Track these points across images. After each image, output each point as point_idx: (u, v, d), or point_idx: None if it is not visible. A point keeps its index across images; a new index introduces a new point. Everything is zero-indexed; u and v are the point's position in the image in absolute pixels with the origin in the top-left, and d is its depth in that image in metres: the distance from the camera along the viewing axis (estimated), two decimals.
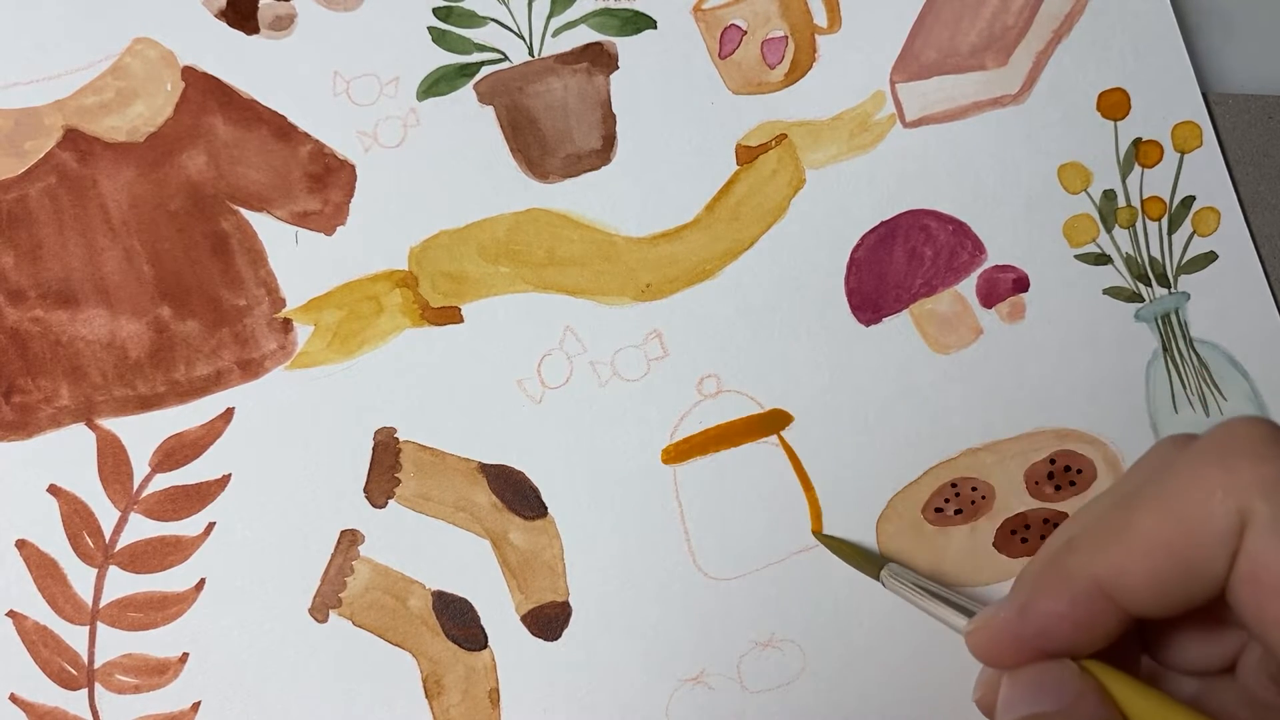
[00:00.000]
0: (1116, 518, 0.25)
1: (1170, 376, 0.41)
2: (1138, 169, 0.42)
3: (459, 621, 0.38)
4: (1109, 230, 0.41)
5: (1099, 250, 0.41)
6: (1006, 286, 0.41)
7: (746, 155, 0.41)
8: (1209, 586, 0.24)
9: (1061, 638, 0.26)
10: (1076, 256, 0.41)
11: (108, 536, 0.38)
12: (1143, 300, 0.41)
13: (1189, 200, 0.42)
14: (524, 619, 0.39)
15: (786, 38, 0.41)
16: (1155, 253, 0.41)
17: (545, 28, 0.40)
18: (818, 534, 0.40)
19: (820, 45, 0.41)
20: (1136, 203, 0.42)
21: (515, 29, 0.40)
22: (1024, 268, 0.41)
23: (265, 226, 0.39)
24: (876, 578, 0.37)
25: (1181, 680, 0.28)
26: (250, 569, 0.38)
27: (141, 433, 0.38)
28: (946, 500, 0.40)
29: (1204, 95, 0.42)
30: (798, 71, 0.41)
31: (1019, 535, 0.40)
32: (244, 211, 0.39)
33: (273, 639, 0.38)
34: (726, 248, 0.40)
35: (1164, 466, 0.25)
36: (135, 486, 0.38)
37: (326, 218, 0.39)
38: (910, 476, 0.40)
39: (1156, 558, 0.24)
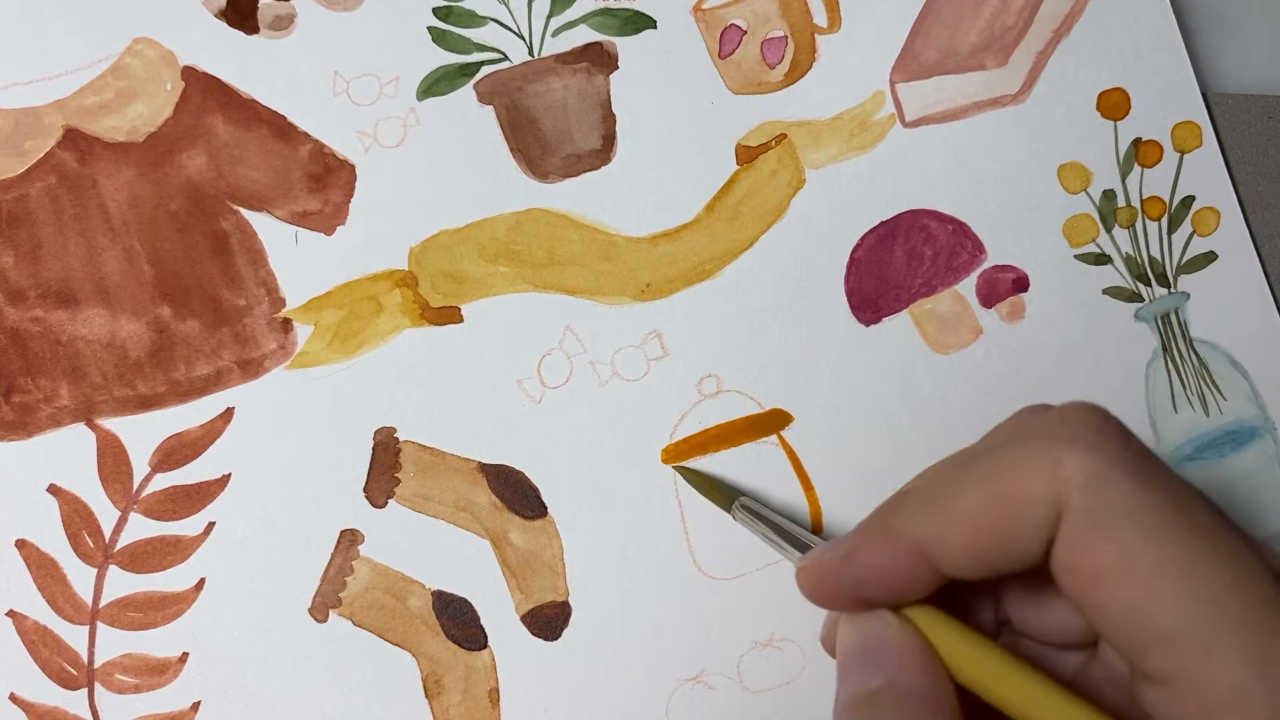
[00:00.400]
0: (946, 484, 0.26)
1: (1170, 376, 0.41)
2: (1137, 169, 0.42)
3: (459, 621, 0.38)
4: (1109, 230, 0.41)
5: (1099, 250, 0.41)
6: (1006, 286, 0.41)
7: (746, 155, 0.41)
8: (1023, 563, 0.25)
9: (880, 588, 0.27)
10: (1076, 256, 0.41)
11: (108, 536, 0.38)
12: (1142, 300, 0.41)
13: (1189, 200, 0.42)
14: (524, 619, 0.39)
15: (786, 38, 0.41)
16: (1155, 253, 0.41)
17: (545, 28, 0.40)
18: (675, 467, 0.39)
19: (820, 45, 0.41)
20: (1136, 203, 0.42)
21: (515, 29, 0.40)
22: (1024, 268, 0.41)
23: (265, 226, 0.39)
24: (728, 510, 0.37)
25: (1051, 655, 0.29)
26: (250, 569, 0.38)
27: (141, 432, 0.38)
28: None
29: (1204, 95, 0.42)
30: (797, 71, 0.41)
31: None
32: (244, 211, 0.39)
33: (273, 639, 0.38)
34: (726, 248, 0.40)
35: (1005, 440, 0.26)
36: (135, 486, 0.38)
37: (326, 218, 0.39)
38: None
39: (974, 531, 0.25)
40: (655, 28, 0.41)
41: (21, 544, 0.37)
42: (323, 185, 0.39)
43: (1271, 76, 0.44)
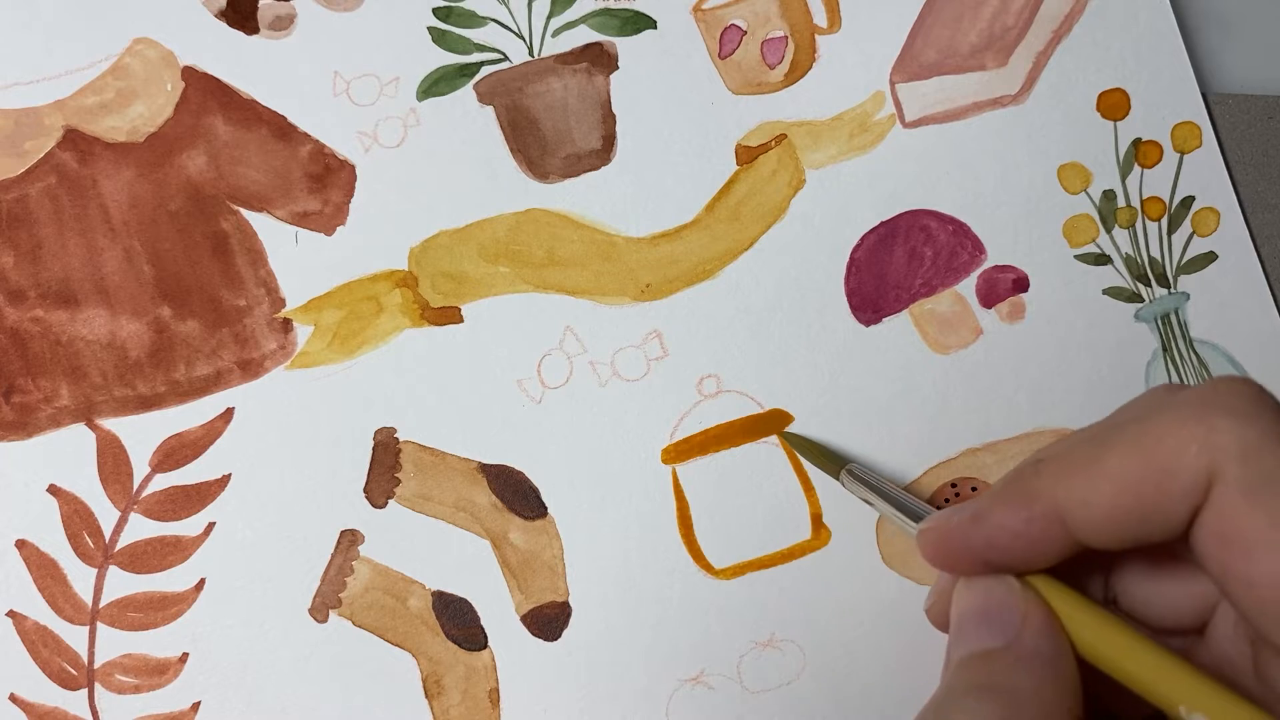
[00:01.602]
0: (1089, 450, 0.25)
1: (1170, 377, 0.41)
2: (1137, 169, 0.42)
3: (459, 621, 0.38)
4: (1109, 230, 0.41)
5: (1099, 250, 0.41)
6: (1006, 287, 0.41)
7: (746, 155, 0.41)
8: (1168, 531, 0.24)
9: (1009, 552, 0.26)
10: (1076, 257, 0.41)
11: (108, 536, 0.38)
12: (1142, 300, 0.41)
13: (1189, 200, 0.42)
14: (524, 619, 0.39)
15: (786, 38, 0.41)
16: (1155, 253, 0.41)
17: (545, 28, 0.40)
18: (782, 434, 0.39)
19: (820, 45, 0.41)
20: (1136, 203, 0.42)
21: (515, 29, 0.40)
22: (1024, 268, 0.41)
23: (265, 226, 0.39)
24: (837, 477, 0.37)
25: (1162, 640, 0.28)
26: (250, 569, 0.38)
27: (141, 433, 0.38)
28: (946, 500, 0.40)
29: (1204, 95, 0.42)
30: (798, 72, 0.41)
31: None
32: (244, 211, 0.39)
33: (273, 639, 0.38)
34: (726, 248, 0.40)
35: (1148, 411, 0.25)
36: (135, 486, 0.38)
37: (326, 218, 0.39)
38: (910, 476, 0.40)
39: (1120, 495, 0.24)
40: (655, 28, 0.41)
41: (21, 544, 0.37)
42: (323, 185, 0.39)
43: (1271, 76, 0.44)
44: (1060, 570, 0.27)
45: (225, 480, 0.38)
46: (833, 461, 0.38)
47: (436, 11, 0.40)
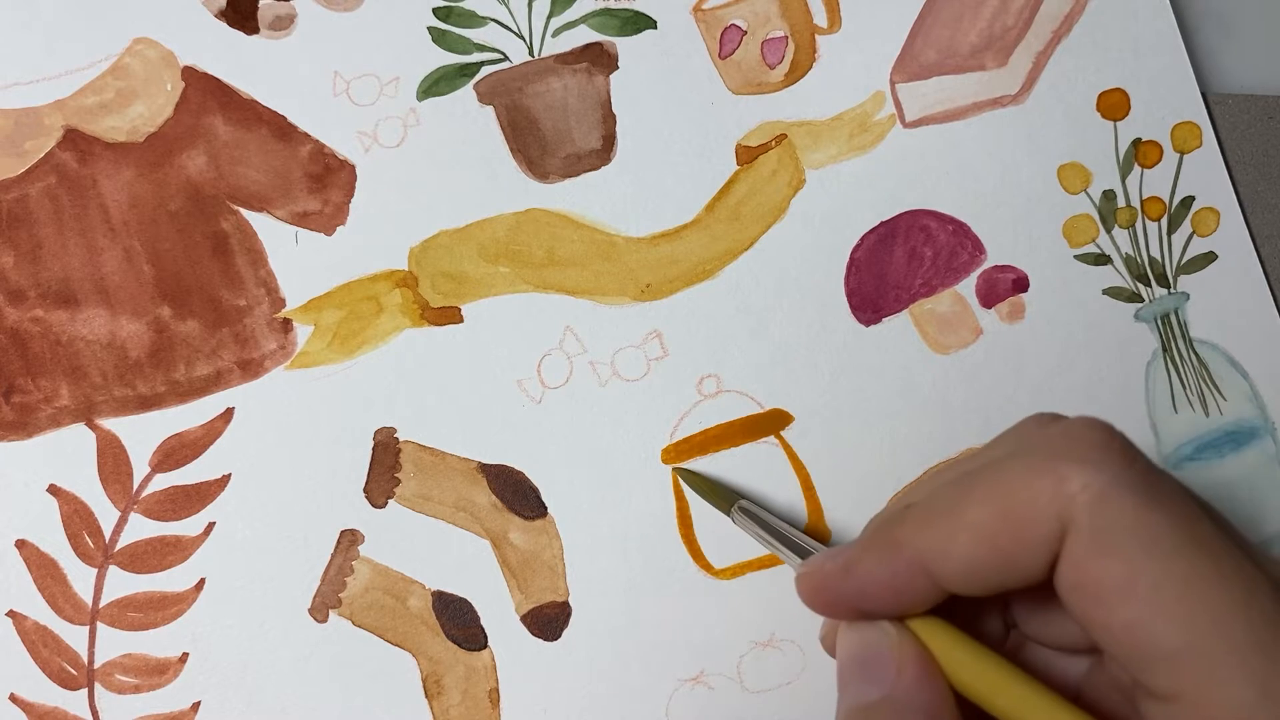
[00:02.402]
0: (951, 498, 0.26)
1: (1170, 377, 0.41)
2: (1137, 169, 0.42)
3: (459, 621, 0.38)
4: (1109, 230, 0.41)
5: (1099, 250, 0.41)
6: (1006, 287, 0.41)
7: (746, 155, 0.41)
8: (1026, 580, 0.25)
9: (880, 600, 0.27)
10: (1076, 257, 0.41)
11: (108, 536, 0.38)
12: (1142, 300, 0.41)
13: (1188, 200, 0.42)
14: (524, 619, 0.39)
15: (786, 38, 0.41)
16: (1155, 253, 0.41)
17: (545, 28, 0.40)
18: (675, 470, 0.39)
19: (820, 45, 0.41)
20: (1136, 203, 0.42)
21: (515, 29, 0.40)
22: (1024, 268, 0.41)
23: (265, 226, 0.39)
24: (728, 514, 0.37)
25: (1057, 659, 0.29)
26: (250, 569, 0.38)
27: (141, 433, 0.38)
28: None
29: (1204, 95, 0.42)
30: (798, 72, 0.41)
31: None
32: (244, 211, 0.39)
33: (272, 639, 0.38)
34: (726, 248, 0.40)
35: (1011, 453, 0.26)
36: (135, 486, 0.38)
37: (326, 218, 0.39)
38: (910, 476, 0.40)
39: (978, 546, 0.25)
40: (655, 28, 0.41)
41: (21, 544, 0.37)
42: (323, 185, 0.39)
43: (1271, 76, 0.44)
44: (956, 600, 0.27)
45: (225, 480, 0.38)
46: (724, 498, 0.38)
47: (436, 11, 0.40)
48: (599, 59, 0.40)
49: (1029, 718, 0.25)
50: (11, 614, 0.37)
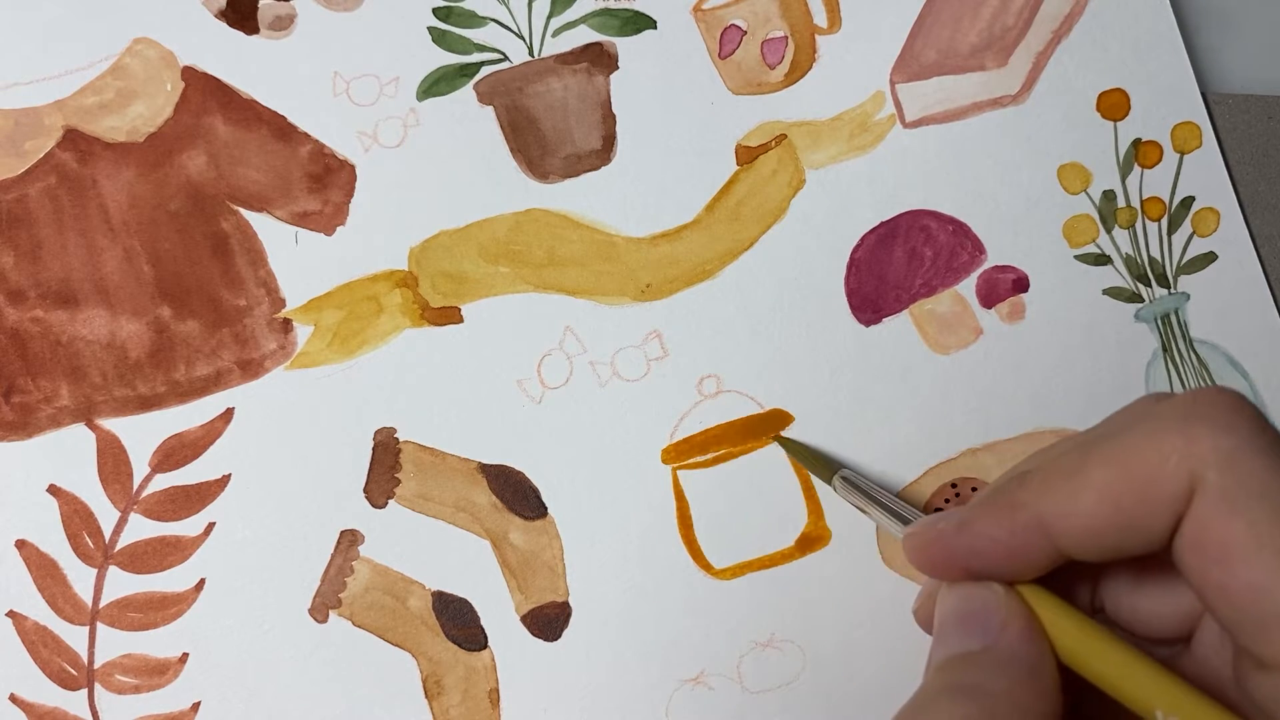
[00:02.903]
0: (1073, 461, 0.25)
1: (1170, 377, 0.41)
2: (1137, 169, 0.42)
3: (459, 622, 0.38)
4: (1109, 231, 0.41)
5: (1099, 251, 0.41)
6: (1006, 287, 0.41)
7: (746, 155, 0.41)
8: (1148, 543, 0.25)
9: (993, 560, 0.26)
10: (1076, 257, 0.41)
11: (107, 537, 0.38)
12: (1142, 301, 0.41)
13: (1189, 201, 0.42)
14: (524, 619, 0.39)
15: (786, 38, 0.41)
16: (1155, 253, 0.41)
17: (545, 28, 0.40)
18: (778, 437, 0.39)
19: (820, 45, 0.41)
20: (1136, 203, 0.42)
21: (515, 29, 0.40)
22: (1024, 268, 0.41)
23: (265, 227, 0.39)
24: (829, 482, 0.37)
25: (1147, 649, 0.29)
26: (250, 569, 0.38)
27: (141, 433, 0.38)
28: (947, 501, 0.40)
29: (1204, 95, 0.42)
30: (798, 72, 0.41)
31: None
32: (244, 212, 0.39)
33: (273, 639, 0.38)
34: (726, 248, 0.40)
35: (1130, 422, 0.25)
36: (135, 487, 0.38)
37: (326, 218, 0.39)
38: (910, 477, 0.40)
39: (1102, 507, 0.25)
40: (655, 28, 0.41)
41: (21, 544, 0.37)
42: (323, 185, 0.39)
43: (1271, 76, 0.44)
44: (1047, 580, 0.27)
45: (225, 480, 0.38)
46: (826, 467, 0.38)
47: (436, 11, 0.40)
48: (599, 59, 0.40)
49: (1135, 685, 0.24)
50: (11, 614, 0.37)
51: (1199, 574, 0.24)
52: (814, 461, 0.39)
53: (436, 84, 0.40)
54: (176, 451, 0.38)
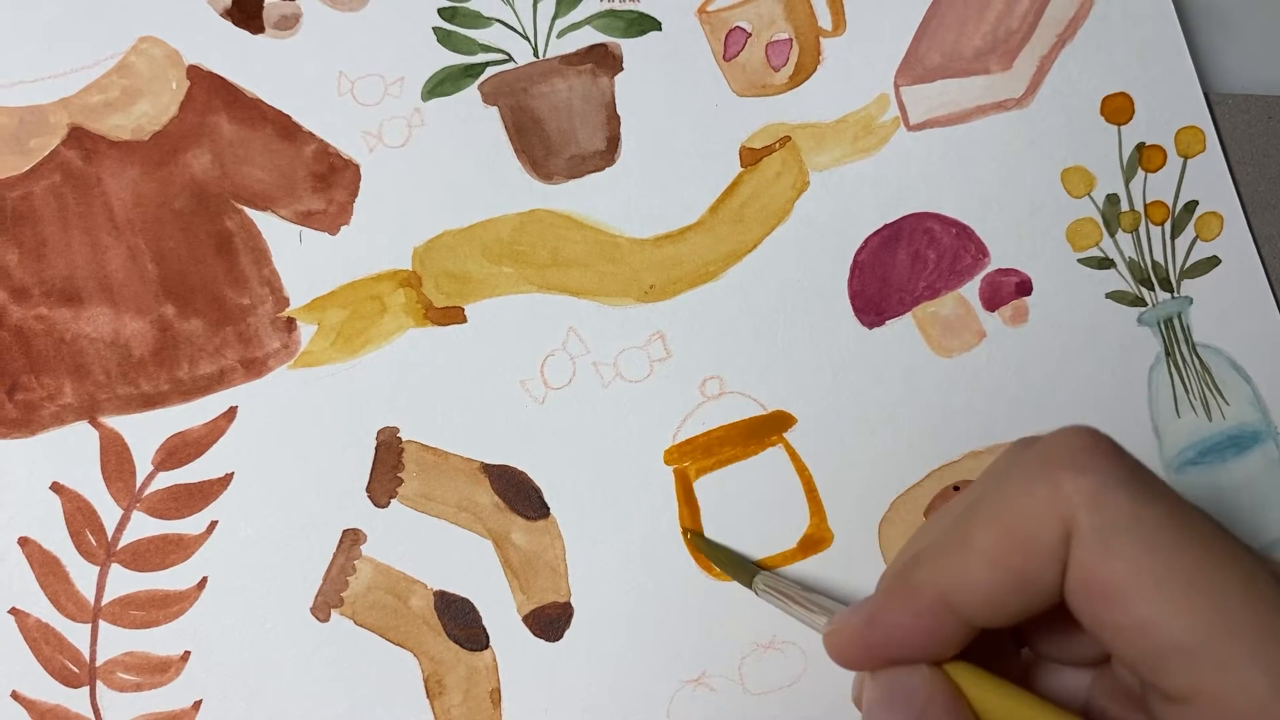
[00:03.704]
0: (957, 533, 0.26)
1: (1173, 381, 0.41)
2: (1141, 173, 0.42)
3: (461, 621, 0.38)
4: (1112, 234, 0.41)
5: (1102, 254, 0.41)
6: (1009, 290, 0.41)
7: (750, 157, 0.41)
8: (1045, 597, 0.25)
9: (907, 646, 0.27)
10: (1079, 260, 0.41)
11: (110, 534, 0.38)
12: (1145, 304, 0.41)
13: (1192, 205, 0.42)
14: (526, 619, 0.39)
15: (791, 40, 0.41)
16: (1158, 257, 0.42)
17: (550, 29, 0.40)
18: (689, 533, 0.39)
19: (825, 48, 0.41)
20: (1140, 207, 0.42)
21: (520, 30, 0.40)
22: (1027, 271, 0.41)
23: (269, 226, 0.39)
24: (749, 586, 0.37)
25: (1066, 673, 0.29)
26: (252, 568, 0.38)
27: (144, 431, 0.38)
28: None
29: (1205, 96, 0.42)
30: (802, 74, 0.41)
31: None
32: (248, 210, 0.39)
33: (274, 638, 0.38)
34: (730, 249, 0.40)
35: (1002, 477, 0.26)
36: (138, 484, 0.38)
37: (331, 217, 0.39)
38: (913, 479, 0.40)
39: (994, 572, 0.25)
40: (660, 30, 0.41)
41: (24, 542, 0.37)
42: (327, 185, 0.39)
43: (1271, 76, 0.44)
44: (972, 644, 0.27)
45: (228, 479, 0.38)
46: (744, 571, 0.38)
47: (442, 12, 0.40)
48: (604, 60, 0.40)
49: None
50: (14, 611, 0.37)
51: (1090, 617, 0.24)
52: (731, 564, 0.38)
53: (441, 84, 0.40)
54: (179, 450, 0.38)
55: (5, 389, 0.38)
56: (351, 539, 0.38)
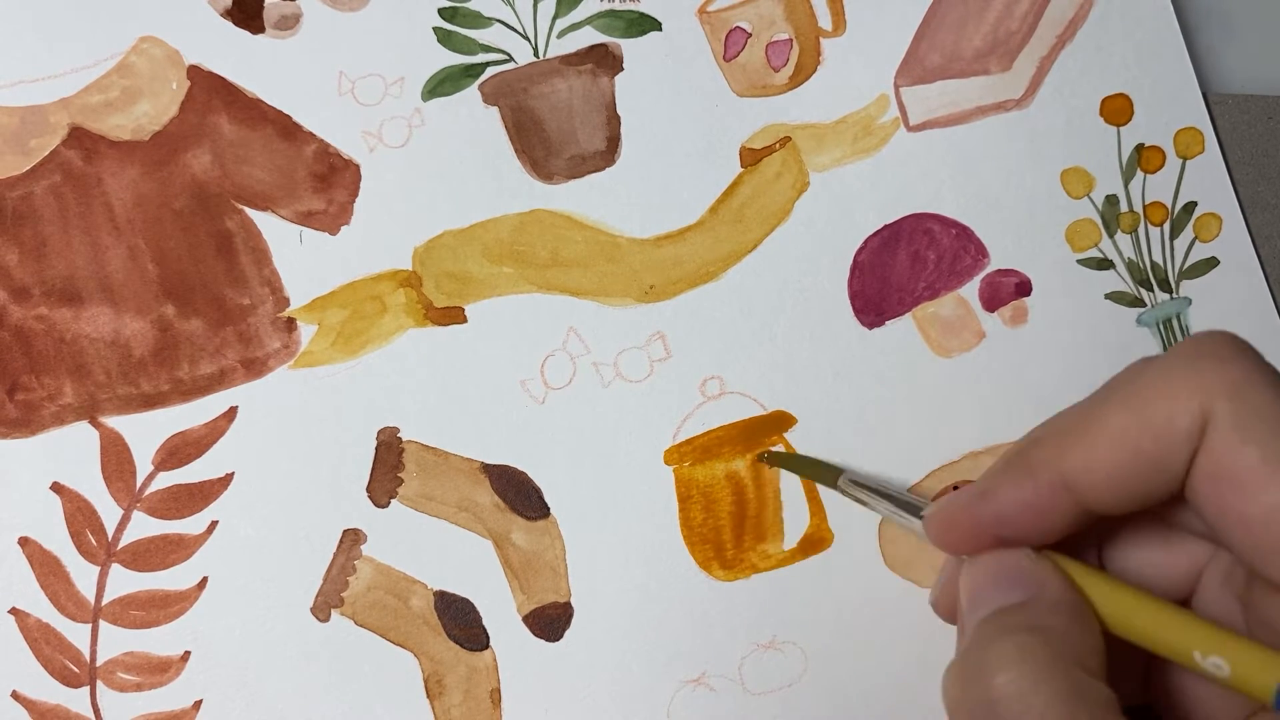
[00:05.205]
0: (1084, 416, 0.26)
1: None
2: (1140, 174, 0.42)
3: (461, 621, 0.38)
4: (1111, 235, 0.41)
5: (1101, 255, 0.41)
6: (1009, 291, 0.41)
7: (750, 158, 0.41)
8: (1169, 483, 0.25)
9: (1019, 525, 0.26)
10: (1079, 261, 0.41)
11: (110, 534, 0.38)
12: (1145, 305, 0.41)
13: (1191, 206, 0.42)
14: (526, 619, 0.39)
15: (791, 41, 0.41)
16: (1157, 258, 0.42)
17: (550, 29, 0.40)
18: (764, 455, 0.39)
19: (825, 48, 0.41)
20: (1139, 208, 0.42)
21: (520, 30, 0.40)
22: (1027, 272, 0.41)
23: (270, 226, 0.39)
24: (835, 487, 0.37)
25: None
26: (252, 568, 0.38)
27: (145, 431, 0.38)
28: None
29: (1204, 97, 0.42)
30: (802, 74, 0.41)
31: None
32: (248, 210, 0.39)
33: (275, 638, 0.38)
34: (730, 250, 0.40)
35: (1135, 374, 0.26)
36: (138, 484, 0.38)
37: (331, 217, 0.39)
38: (912, 479, 0.40)
39: (1120, 453, 0.25)
40: (660, 30, 0.41)
41: (24, 541, 0.37)
42: (327, 185, 0.39)
43: (1271, 76, 0.44)
44: (1056, 548, 0.27)
45: (228, 479, 0.38)
46: (828, 472, 0.38)
47: (442, 12, 0.40)
48: (604, 60, 0.40)
49: (1166, 631, 0.25)
50: (14, 611, 0.37)
51: (1215, 504, 0.24)
52: (813, 469, 0.38)
53: (441, 84, 0.40)
54: (179, 450, 0.38)
55: (5, 389, 0.38)
56: (352, 539, 0.38)
